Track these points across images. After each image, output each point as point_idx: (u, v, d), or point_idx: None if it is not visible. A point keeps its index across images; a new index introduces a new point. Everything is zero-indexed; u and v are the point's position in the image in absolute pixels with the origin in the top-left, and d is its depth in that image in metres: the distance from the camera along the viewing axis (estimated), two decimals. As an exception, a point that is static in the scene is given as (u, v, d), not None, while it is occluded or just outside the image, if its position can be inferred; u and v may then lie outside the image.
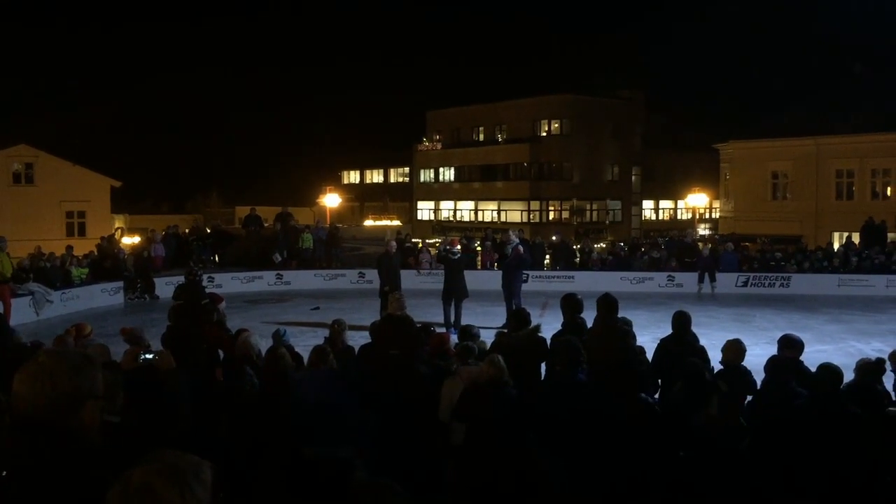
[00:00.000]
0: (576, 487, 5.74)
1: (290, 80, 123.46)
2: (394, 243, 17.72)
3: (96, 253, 22.98)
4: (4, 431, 2.16)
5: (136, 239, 31.15)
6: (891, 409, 6.19)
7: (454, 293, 15.80)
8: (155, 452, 1.88)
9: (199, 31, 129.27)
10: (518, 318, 8.00)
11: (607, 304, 7.72)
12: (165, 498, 1.75)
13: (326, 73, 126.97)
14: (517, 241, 17.07)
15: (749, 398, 6.69)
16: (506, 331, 8.63)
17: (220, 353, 8.06)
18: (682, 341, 7.64)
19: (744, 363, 6.88)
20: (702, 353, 7.56)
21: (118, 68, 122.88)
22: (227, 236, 26.87)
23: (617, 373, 6.09)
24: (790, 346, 7.00)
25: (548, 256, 26.79)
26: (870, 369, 6.57)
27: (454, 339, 8.60)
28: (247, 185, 67.52)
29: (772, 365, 6.63)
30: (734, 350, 6.90)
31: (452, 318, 15.43)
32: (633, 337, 7.81)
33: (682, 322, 7.81)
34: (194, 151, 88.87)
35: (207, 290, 13.86)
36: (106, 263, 21.88)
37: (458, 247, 16.95)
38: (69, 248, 22.39)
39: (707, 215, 57.27)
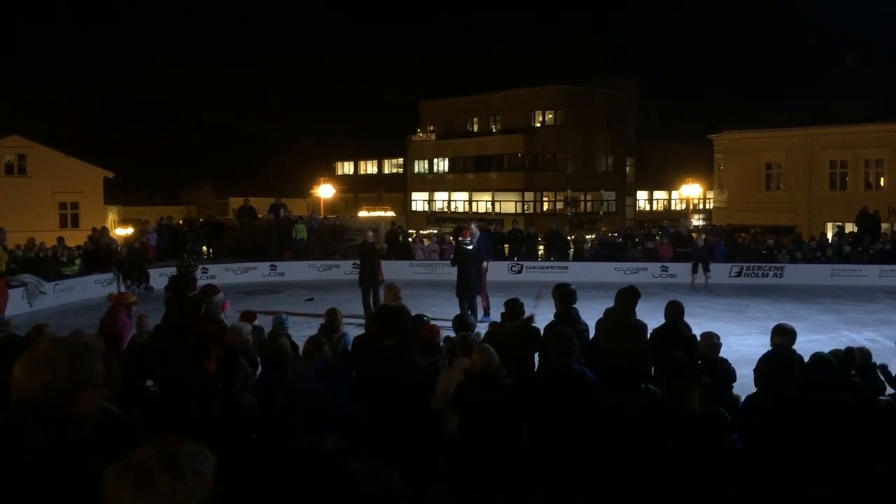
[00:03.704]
0: (570, 477, 5.77)
1: (284, 71, 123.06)
2: (370, 233, 17.56)
3: (89, 244, 22.93)
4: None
5: (130, 230, 31.11)
6: (882, 398, 6.23)
7: (468, 288, 15.19)
8: (162, 436, 1.89)
9: (193, 23, 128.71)
10: (511, 309, 8.02)
11: (628, 296, 7.66)
12: (157, 480, 1.77)
13: (320, 64, 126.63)
14: (479, 232, 16.93)
15: (735, 388, 6.76)
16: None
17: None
18: (675, 331, 7.66)
19: (737, 352, 6.92)
20: (694, 342, 7.58)
21: (111, 59, 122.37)
22: (220, 227, 26.84)
23: (626, 365, 6.13)
24: (783, 334, 7.02)
25: (542, 247, 26.85)
26: (841, 360, 6.60)
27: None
28: (240, 176, 67.44)
29: (773, 357, 6.68)
30: (708, 343, 7.01)
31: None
32: (646, 330, 7.73)
33: (675, 312, 7.83)
34: (188, 143, 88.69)
35: (204, 282, 13.84)
36: (101, 253, 21.84)
37: (470, 238, 16.29)
38: (60, 239, 22.30)
39: (701, 206, 57.36)
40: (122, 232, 36.53)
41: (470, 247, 15.68)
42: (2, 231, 16.98)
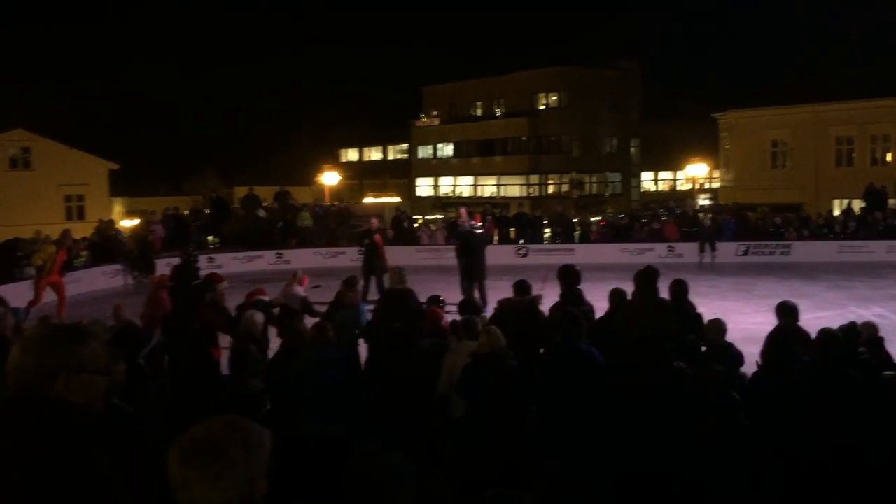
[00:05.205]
0: (577, 458, 5.77)
1: (287, 60, 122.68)
2: (375, 220, 17.58)
3: (96, 236, 22.98)
4: None
5: (136, 221, 31.14)
6: (887, 373, 6.21)
7: (475, 273, 15.09)
8: (216, 416, 1.91)
9: (195, 13, 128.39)
10: (520, 288, 8.08)
11: (647, 276, 7.63)
12: (231, 453, 1.79)
13: (322, 51, 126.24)
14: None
15: (742, 371, 6.76)
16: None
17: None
18: (679, 310, 7.63)
19: (745, 330, 6.92)
20: (698, 320, 7.57)
21: (113, 52, 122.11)
22: (225, 206, 26.86)
23: (649, 344, 6.12)
24: (786, 312, 7.03)
25: (547, 230, 26.82)
26: (846, 335, 6.60)
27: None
28: (245, 165, 67.21)
29: (776, 335, 6.67)
30: (715, 329, 7.06)
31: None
32: (671, 310, 7.65)
33: (678, 291, 7.81)
34: (192, 133, 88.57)
35: (209, 271, 13.91)
36: (107, 245, 21.91)
37: (480, 222, 16.19)
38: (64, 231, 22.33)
39: (707, 185, 57.09)
40: (128, 223, 36.57)
41: (480, 230, 15.75)
42: (66, 234, 17.06)
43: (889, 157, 37.50)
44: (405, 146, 63.31)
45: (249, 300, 9.74)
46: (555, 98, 53.27)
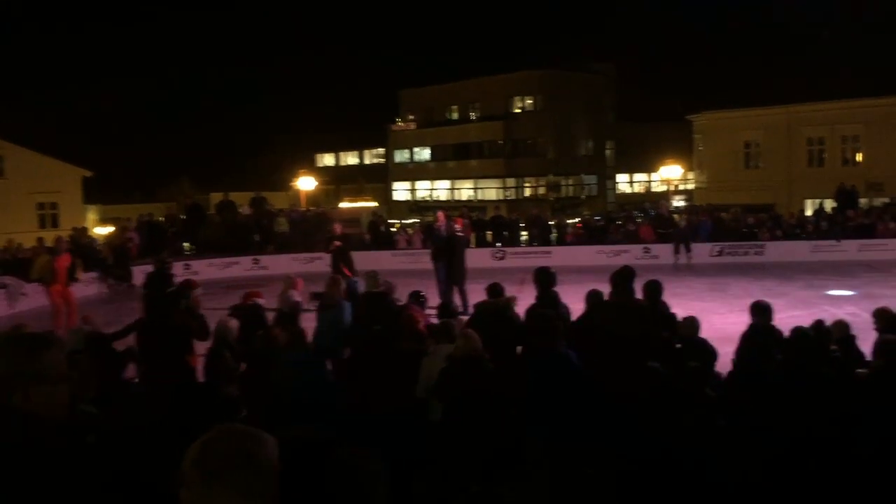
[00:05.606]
0: (556, 460, 5.79)
1: (261, 65, 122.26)
2: (337, 227, 17.58)
3: (70, 244, 22.72)
4: None
5: (111, 229, 30.86)
6: (860, 370, 6.30)
7: (456, 277, 15.19)
8: (220, 427, 1.88)
9: (168, 19, 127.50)
10: (493, 291, 8.12)
11: (622, 277, 7.68)
12: (261, 464, 1.79)
13: (297, 56, 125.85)
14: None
15: (718, 366, 6.84)
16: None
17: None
18: (653, 309, 7.71)
19: (721, 330, 7.00)
20: (671, 320, 7.65)
21: (84, 58, 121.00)
22: (201, 212, 26.68)
23: (628, 345, 6.17)
24: (759, 312, 7.13)
25: (524, 233, 26.90)
26: (818, 333, 6.72)
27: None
28: (220, 172, 66.72)
29: (750, 334, 6.75)
30: (689, 327, 7.20)
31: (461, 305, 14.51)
32: (649, 310, 7.71)
33: (653, 291, 7.89)
34: (166, 139, 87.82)
35: (184, 277, 13.83)
36: (81, 253, 21.67)
37: (460, 225, 16.37)
38: (40, 240, 22.13)
39: (681, 187, 57.53)
40: (102, 231, 36.22)
41: (461, 234, 15.90)
42: (60, 239, 16.74)
43: (859, 157, 38.03)
44: (381, 150, 63.31)
45: (245, 301, 9.62)
46: (530, 101, 53.50)
